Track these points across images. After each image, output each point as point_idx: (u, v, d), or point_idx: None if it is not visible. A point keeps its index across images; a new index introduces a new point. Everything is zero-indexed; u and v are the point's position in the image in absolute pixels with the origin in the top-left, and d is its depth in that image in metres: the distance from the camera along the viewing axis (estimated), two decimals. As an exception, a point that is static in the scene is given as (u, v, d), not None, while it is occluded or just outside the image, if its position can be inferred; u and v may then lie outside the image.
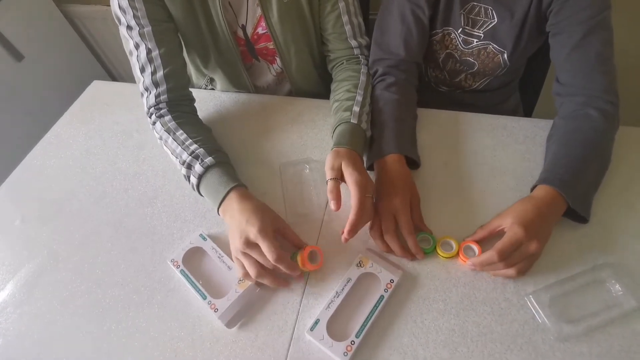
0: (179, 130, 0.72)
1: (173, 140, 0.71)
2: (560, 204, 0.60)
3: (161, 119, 0.74)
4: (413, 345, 0.55)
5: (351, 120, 0.70)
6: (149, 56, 0.72)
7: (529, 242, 0.56)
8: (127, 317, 0.61)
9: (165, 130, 0.72)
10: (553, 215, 0.60)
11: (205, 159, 0.67)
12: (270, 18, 0.79)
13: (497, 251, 0.56)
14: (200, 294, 0.61)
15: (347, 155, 0.64)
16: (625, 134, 0.70)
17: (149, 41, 0.72)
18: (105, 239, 0.70)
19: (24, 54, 1.40)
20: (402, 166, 0.68)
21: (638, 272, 0.58)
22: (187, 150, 0.69)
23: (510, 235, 0.57)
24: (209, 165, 0.67)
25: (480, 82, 0.91)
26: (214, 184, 0.66)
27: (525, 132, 0.78)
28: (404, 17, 0.78)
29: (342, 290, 0.59)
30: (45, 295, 0.64)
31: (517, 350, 0.53)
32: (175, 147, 0.70)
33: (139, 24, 0.71)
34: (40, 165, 0.83)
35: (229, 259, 0.64)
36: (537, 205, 0.59)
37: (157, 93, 0.74)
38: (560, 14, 0.70)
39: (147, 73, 0.73)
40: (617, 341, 0.53)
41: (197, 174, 0.67)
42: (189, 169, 0.68)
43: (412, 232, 0.62)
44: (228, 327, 0.58)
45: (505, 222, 0.59)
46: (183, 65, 0.79)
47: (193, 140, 0.70)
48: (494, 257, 0.56)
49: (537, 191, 0.62)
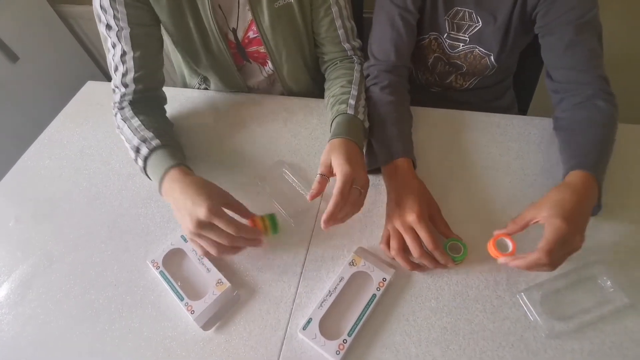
0: (134, 118, 0.73)
1: (127, 128, 0.72)
2: (595, 190, 0.57)
3: (121, 110, 0.75)
4: (405, 343, 0.55)
5: (347, 112, 0.70)
6: (122, 58, 0.73)
7: (574, 236, 0.52)
8: (121, 318, 0.61)
9: (122, 119, 0.74)
10: (592, 200, 0.57)
11: (152, 142, 0.68)
12: (261, 23, 0.79)
13: (545, 252, 0.51)
14: (178, 296, 0.60)
15: (340, 147, 0.63)
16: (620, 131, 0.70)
17: (125, 44, 0.72)
18: (99, 239, 0.70)
19: (19, 55, 1.40)
20: (414, 173, 0.67)
21: (629, 269, 0.59)
22: (137, 135, 0.70)
23: (554, 231, 0.52)
24: (155, 147, 0.67)
25: (471, 82, 0.92)
26: (157, 165, 0.66)
27: (518, 130, 0.78)
28: (393, 22, 0.78)
29: (335, 289, 0.59)
30: (40, 296, 0.64)
31: (509, 347, 0.53)
32: (129, 134, 0.71)
33: (118, 25, 0.71)
34: (34, 166, 0.83)
35: (209, 261, 0.63)
36: (576, 192, 0.55)
37: (123, 93, 0.75)
38: (548, 16, 0.70)
39: (118, 72, 0.75)
40: (608, 338, 0.53)
41: (143, 157, 0.67)
42: (137, 153, 0.68)
43: (438, 246, 0.58)
44: (204, 330, 0.58)
45: (541, 214, 0.54)
46: (158, 67, 0.80)
47: (145, 126, 0.71)
48: (542, 259, 0.51)
49: (571, 177, 0.58)
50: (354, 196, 0.60)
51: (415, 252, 0.59)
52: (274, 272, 0.63)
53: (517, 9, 0.74)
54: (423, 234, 0.59)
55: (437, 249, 0.58)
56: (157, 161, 0.66)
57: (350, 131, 0.67)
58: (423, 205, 0.62)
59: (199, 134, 0.84)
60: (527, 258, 0.53)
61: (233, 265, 0.64)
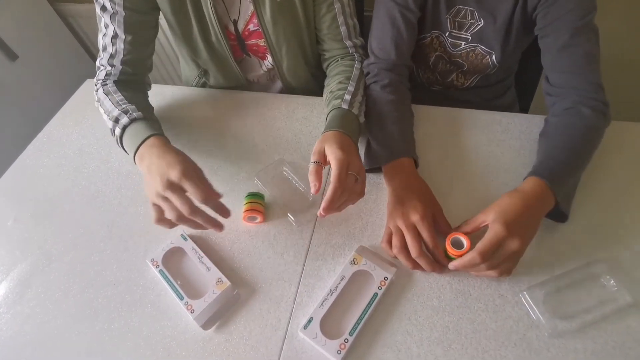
0: (117, 93, 0.73)
1: (109, 101, 0.72)
2: (549, 199, 0.58)
3: (104, 86, 0.75)
4: (407, 342, 0.55)
5: (342, 106, 0.70)
6: (113, 40, 0.74)
7: (511, 240, 0.53)
8: (120, 317, 0.60)
9: (104, 92, 0.74)
10: (541, 209, 0.58)
11: (133, 113, 0.68)
12: (262, 16, 0.79)
13: (478, 252, 0.53)
14: (178, 295, 0.60)
15: (333, 137, 0.62)
16: (621, 129, 0.70)
17: (117, 27, 0.73)
18: (98, 238, 0.69)
19: (18, 54, 1.39)
20: (416, 172, 0.67)
21: (632, 268, 0.58)
22: (118, 107, 0.70)
23: (492, 234, 0.54)
24: (136, 118, 0.68)
25: (472, 81, 0.91)
26: (135, 135, 0.66)
27: (520, 128, 0.77)
28: (394, 20, 0.78)
29: (336, 288, 0.58)
30: (38, 295, 0.64)
31: (512, 346, 0.53)
32: (109, 106, 0.71)
33: (113, 8, 0.72)
34: (33, 165, 0.82)
35: (209, 260, 0.63)
36: (524, 198, 0.57)
37: (109, 72, 0.76)
38: (547, 18, 0.70)
39: (106, 53, 0.76)
40: (611, 337, 0.53)
41: (122, 125, 0.67)
42: (116, 122, 0.68)
43: (438, 245, 0.59)
44: (204, 329, 0.57)
45: (489, 217, 0.56)
46: (148, 55, 0.81)
47: (128, 101, 0.71)
48: (476, 259, 0.53)
49: (526, 184, 0.60)
50: (351, 182, 0.59)
51: (414, 252, 0.59)
52: (275, 271, 0.63)
53: (519, 9, 0.73)
54: (426, 233, 0.59)
55: (437, 249, 0.59)
56: (136, 130, 0.66)
57: (343, 124, 0.66)
58: (426, 204, 0.62)
59: (199, 131, 0.83)
60: (463, 258, 0.55)
61: (233, 264, 0.64)
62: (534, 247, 0.61)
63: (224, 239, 0.67)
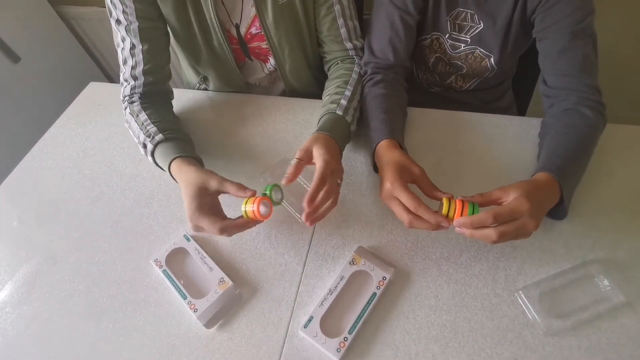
0: (141, 112, 0.75)
1: (135, 123, 0.74)
2: (556, 193, 0.59)
3: (131, 105, 0.77)
4: (405, 340, 0.56)
5: (336, 111, 0.71)
6: (131, 51, 0.76)
7: (529, 219, 0.53)
8: (124, 316, 0.61)
9: (130, 113, 0.76)
10: (549, 201, 0.58)
11: (155, 137, 0.70)
12: (265, 19, 0.80)
13: (492, 214, 0.52)
14: (181, 294, 0.61)
15: (322, 140, 0.64)
16: (617, 132, 0.71)
17: (133, 37, 0.75)
18: (102, 239, 0.70)
19: (20, 56, 1.40)
20: (390, 149, 0.65)
21: (626, 268, 0.59)
22: (143, 130, 0.72)
23: (514, 205, 0.53)
24: (158, 142, 0.70)
25: (471, 83, 0.92)
26: (161, 160, 0.70)
27: (517, 130, 0.78)
28: (393, 23, 0.79)
29: (335, 288, 0.60)
30: (43, 295, 0.65)
31: (507, 345, 0.54)
32: (136, 129, 0.74)
33: (127, 20, 0.74)
34: (37, 167, 0.83)
35: (212, 260, 0.65)
36: (539, 188, 0.57)
37: (133, 85, 0.77)
38: (545, 21, 0.71)
39: (127, 66, 0.77)
40: (605, 335, 0.54)
41: (149, 152, 0.71)
42: (145, 148, 0.72)
43: (420, 205, 0.56)
44: (207, 328, 0.58)
45: (509, 196, 0.55)
46: (165, 62, 0.82)
47: (152, 121, 0.73)
48: (488, 218, 0.52)
49: (536, 176, 0.60)
50: (332, 184, 0.61)
51: (405, 220, 0.57)
52: (276, 271, 0.64)
53: (517, 12, 0.74)
54: (403, 197, 0.57)
55: (419, 208, 0.56)
56: (160, 155, 0.70)
57: (334, 130, 0.68)
58: (396, 171, 0.60)
59: (199, 133, 0.84)
60: (473, 216, 0.54)
61: (235, 265, 0.65)
62: (530, 246, 0.62)
63: (226, 240, 0.68)
